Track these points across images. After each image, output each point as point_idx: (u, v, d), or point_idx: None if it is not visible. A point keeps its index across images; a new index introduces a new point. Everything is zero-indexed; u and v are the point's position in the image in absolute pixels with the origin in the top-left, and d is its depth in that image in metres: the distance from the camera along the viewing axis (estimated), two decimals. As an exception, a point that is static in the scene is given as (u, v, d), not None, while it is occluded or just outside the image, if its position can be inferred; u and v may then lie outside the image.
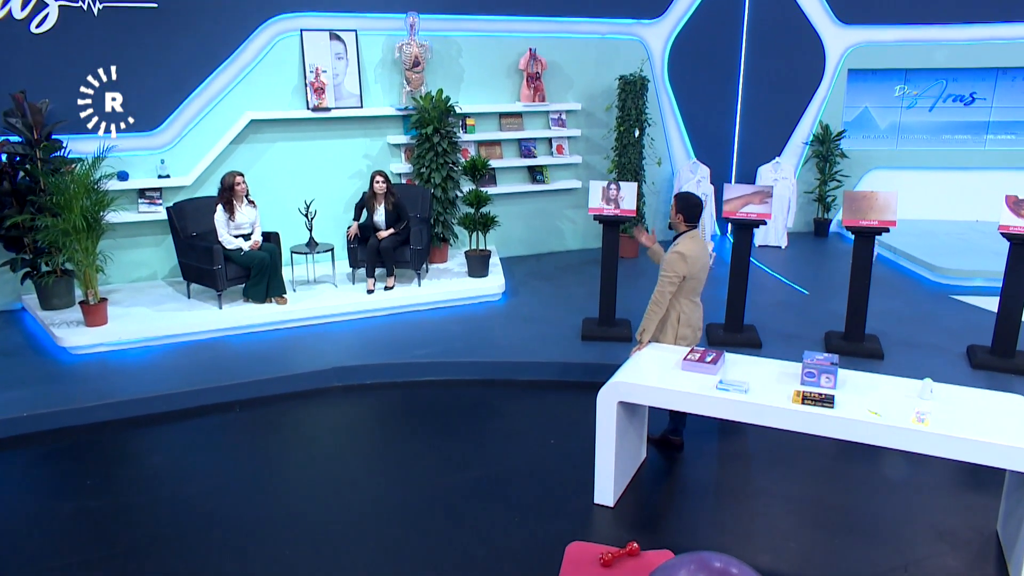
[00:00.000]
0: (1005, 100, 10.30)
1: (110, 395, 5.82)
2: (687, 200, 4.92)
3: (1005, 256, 8.63)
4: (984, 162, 10.38)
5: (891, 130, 10.68)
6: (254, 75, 8.03)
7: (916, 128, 10.62)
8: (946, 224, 10.22)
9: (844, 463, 5.11)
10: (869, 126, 10.71)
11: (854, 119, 10.64)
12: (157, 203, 7.92)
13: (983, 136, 10.47)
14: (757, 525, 4.46)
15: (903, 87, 10.50)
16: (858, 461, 5.10)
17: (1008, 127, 10.37)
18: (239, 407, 5.90)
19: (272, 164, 8.28)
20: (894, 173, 10.42)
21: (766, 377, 4.39)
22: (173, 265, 8.10)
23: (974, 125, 10.48)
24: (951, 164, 10.42)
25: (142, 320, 6.94)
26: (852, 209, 6.23)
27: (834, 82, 10.36)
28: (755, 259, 9.59)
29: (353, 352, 6.57)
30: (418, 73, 8.49)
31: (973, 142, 10.50)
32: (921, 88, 10.46)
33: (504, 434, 5.54)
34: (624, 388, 4.41)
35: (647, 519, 4.55)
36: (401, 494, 4.74)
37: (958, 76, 10.32)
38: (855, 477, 4.95)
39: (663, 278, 4.82)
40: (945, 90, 10.40)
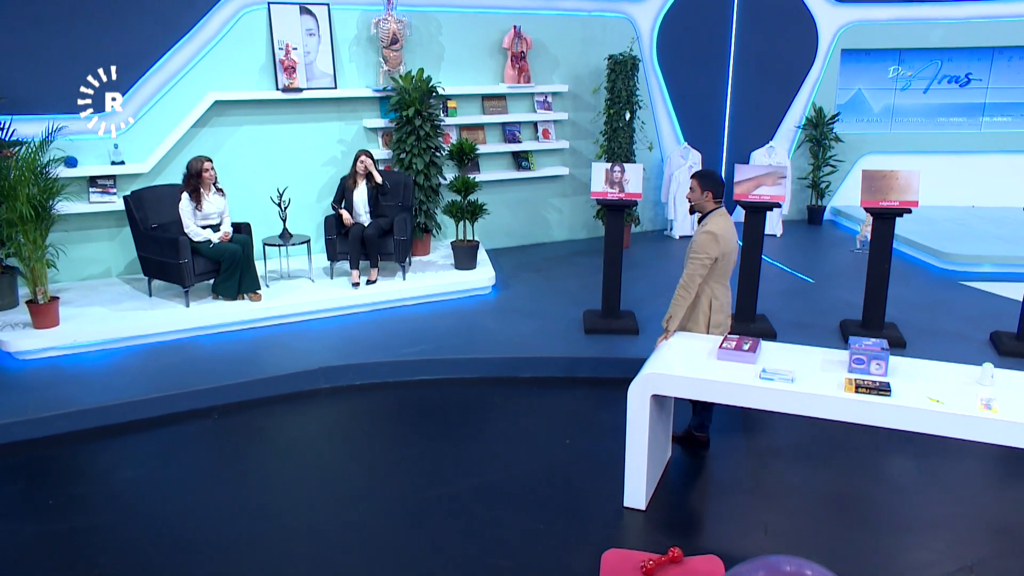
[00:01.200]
0: (1001, 81, 10.36)
1: (68, 404, 5.39)
2: (712, 177, 4.72)
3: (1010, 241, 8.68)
4: (980, 145, 10.42)
5: (885, 113, 10.67)
6: (217, 52, 7.60)
7: (910, 111, 10.63)
8: (942, 210, 10.22)
9: (878, 456, 4.95)
10: (862, 109, 10.68)
11: (847, 102, 10.61)
12: (110, 192, 7.44)
13: (979, 118, 10.52)
14: (801, 524, 4.26)
15: (897, 68, 10.50)
16: (894, 453, 4.95)
17: (1004, 109, 10.44)
18: (217, 413, 5.52)
19: (238, 149, 7.86)
20: (888, 158, 10.39)
21: (808, 365, 4.20)
22: (130, 260, 7.63)
23: (970, 107, 10.52)
24: (946, 148, 10.44)
25: (99, 321, 6.49)
26: (871, 189, 6.09)
27: (827, 63, 10.31)
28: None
29: (339, 351, 6.23)
30: (396, 51, 8.15)
31: (969, 124, 10.55)
32: (916, 69, 10.47)
33: (513, 435, 5.26)
34: (658, 380, 4.17)
35: (682, 522, 4.33)
36: (407, 505, 4.43)
37: (953, 56, 10.35)
38: (895, 470, 4.79)
39: (694, 260, 4.59)
40: (940, 71, 10.42)
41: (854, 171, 10.65)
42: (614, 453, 4.97)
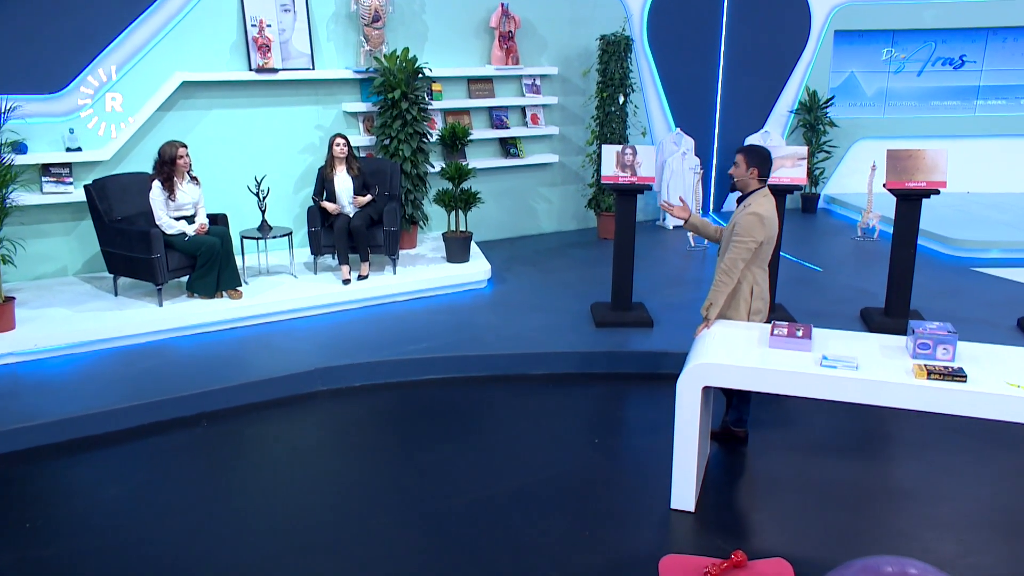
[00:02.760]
0: (995, 63, 10.51)
1: (34, 415, 5.00)
2: (759, 152, 4.59)
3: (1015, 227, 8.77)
4: (974, 129, 10.55)
5: (878, 97, 10.74)
6: (184, 28, 7.23)
7: (904, 94, 10.72)
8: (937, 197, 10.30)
9: (923, 447, 4.87)
10: (855, 93, 10.74)
11: (839, 85, 10.65)
12: (66, 181, 7.02)
13: (973, 102, 10.65)
14: (862, 522, 4.13)
15: (890, 50, 10.57)
16: (933, 444, 4.88)
17: (999, 92, 10.59)
18: (205, 421, 5.19)
19: (208, 135, 7.49)
20: (882, 143, 10.42)
21: (866, 351, 4.08)
22: (90, 257, 7.22)
23: (964, 90, 10.65)
24: (940, 132, 10.53)
25: (61, 323, 6.09)
26: (896, 169, 6.04)
27: (820, 45, 10.32)
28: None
29: (335, 350, 5.94)
30: (379, 29, 7.87)
31: (963, 108, 10.68)
32: (909, 51, 10.56)
33: (536, 436, 5.05)
34: (710, 371, 4.01)
35: (735, 523, 4.17)
36: (434, 514, 4.19)
37: (947, 37, 10.46)
38: (941, 461, 4.71)
39: (738, 244, 4.45)
40: (934, 53, 10.53)
41: (848, 157, 10.72)
42: (649, 451, 4.83)
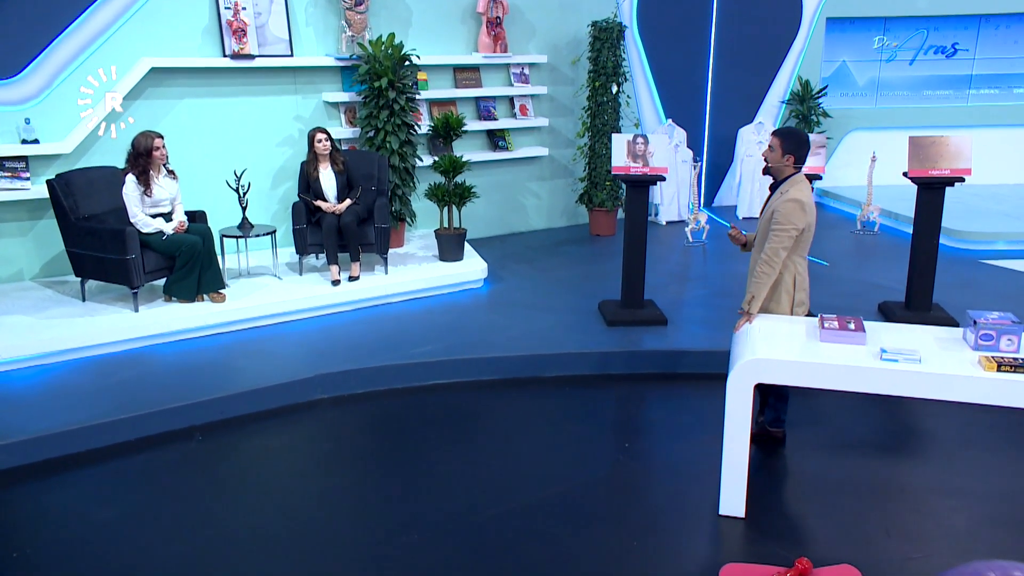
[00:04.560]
0: (988, 51, 10.70)
1: (7, 433, 4.69)
2: (797, 137, 4.51)
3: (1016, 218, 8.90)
4: (967, 119, 10.71)
5: (870, 86, 10.85)
6: (151, 9, 6.93)
7: (896, 84, 10.85)
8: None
9: (967, 446, 4.85)
10: (847, 82, 10.83)
11: (831, 75, 10.73)
12: (22, 177, 6.67)
13: (965, 91, 10.83)
14: (927, 525, 4.07)
15: (882, 38, 10.69)
16: (977, 441, 4.86)
17: (991, 80, 10.78)
18: (199, 434, 4.94)
19: (179, 126, 7.18)
20: (875, 135, 10.56)
21: (923, 344, 4.02)
22: (48, 260, 6.90)
23: (956, 79, 10.82)
24: (933, 122, 10.66)
25: (25, 332, 5.75)
26: (920, 157, 6.05)
27: (811, 33, 10.38)
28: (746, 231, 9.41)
29: (332, 356, 5.72)
30: (362, 13, 7.67)
31: (955, 97, 10.84)
32: (901, 39, 10.69)
33: (559, 441, 4.91)
34: (764, 367, 3.91)
35: (790, 529, 4.07)
36: (465, 528, 4.01)
37: (939, 25, 10.62)
38: (989, 458, 4.69)
39: (779, 233, 4.36)
40: (926, 41, 10.68)
41: (840, 150, 10.80)
42: (684, 455, 4.73)
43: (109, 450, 4.76)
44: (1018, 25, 10.65)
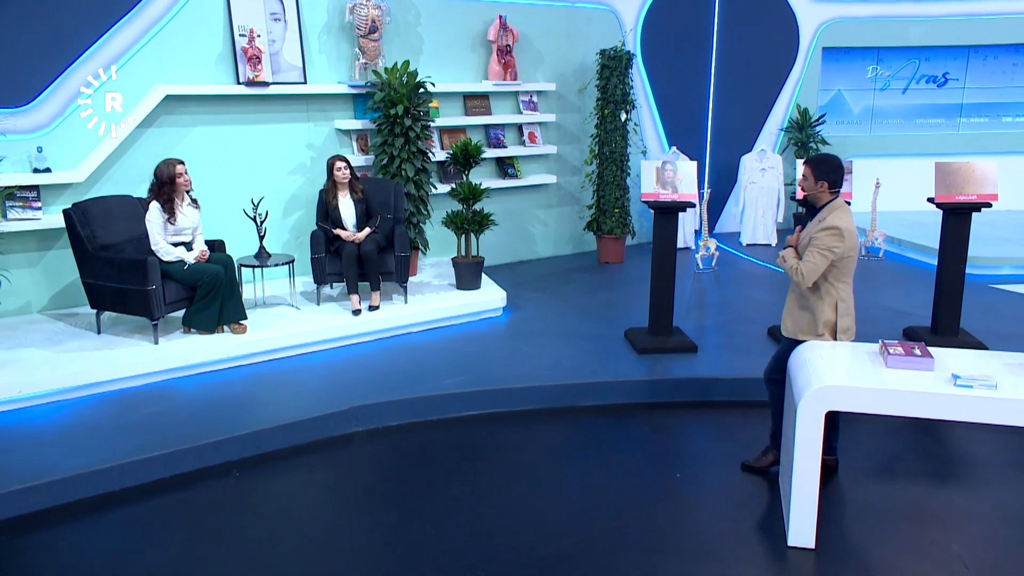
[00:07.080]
0: (978, 80, 10.89)
1: (38, 473, 4.45)
2: (829, 163, 4.45)
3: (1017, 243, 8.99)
4: (958, 147, 10.86)
5: (864, 114, 10.98)
6: (166, 37, 6.79)
7: (889, 112, 10.99)
8: (927, 215, 10.53)
9: (1018, 469, 4.81)
10: (842, 111, 10.95)
11: (827, 103, 10.85)
12: (34, 207, 6.45)
13: (956, 119, 11.00)
14: (999, 554, 4.00)
15: (876, 67, 10.84)
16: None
17: (981, 109, 10.97)
18: (237, 470, 4.73)
19: (192, 154, 6.97)
20: (870, 162, 10.65)
21: (994, 369, 3.97)
22: (57, 292, 6.66)
23: (947, 108, 10.99)
24: (925, 150, 10.82)
25: (41, 366, 5.52)
26: (945, 184, 6.08)
27: (808, 62, 10.50)
28: (753, 258, 9.43)
29: (363, 388, 5.55)
30: (375, 41, 7.58)
31: (947, 126, 11.01)
32: (894, 69, 10.85)
33: (608, 473, 4.77)
34: (834, 394, 3.83)
35: (863, 559, 3.97)
36: (527, 566, 3.85)
37: (931, 55, 10.80)
38: (1044, 485, 4.66)
39: (815, 252, 4.31)
40: (918, 70, 10.84)
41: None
42: (736, 483, 4.62)
43: (144, 488, 4.55)
44: (1005, 56, 10.88)
